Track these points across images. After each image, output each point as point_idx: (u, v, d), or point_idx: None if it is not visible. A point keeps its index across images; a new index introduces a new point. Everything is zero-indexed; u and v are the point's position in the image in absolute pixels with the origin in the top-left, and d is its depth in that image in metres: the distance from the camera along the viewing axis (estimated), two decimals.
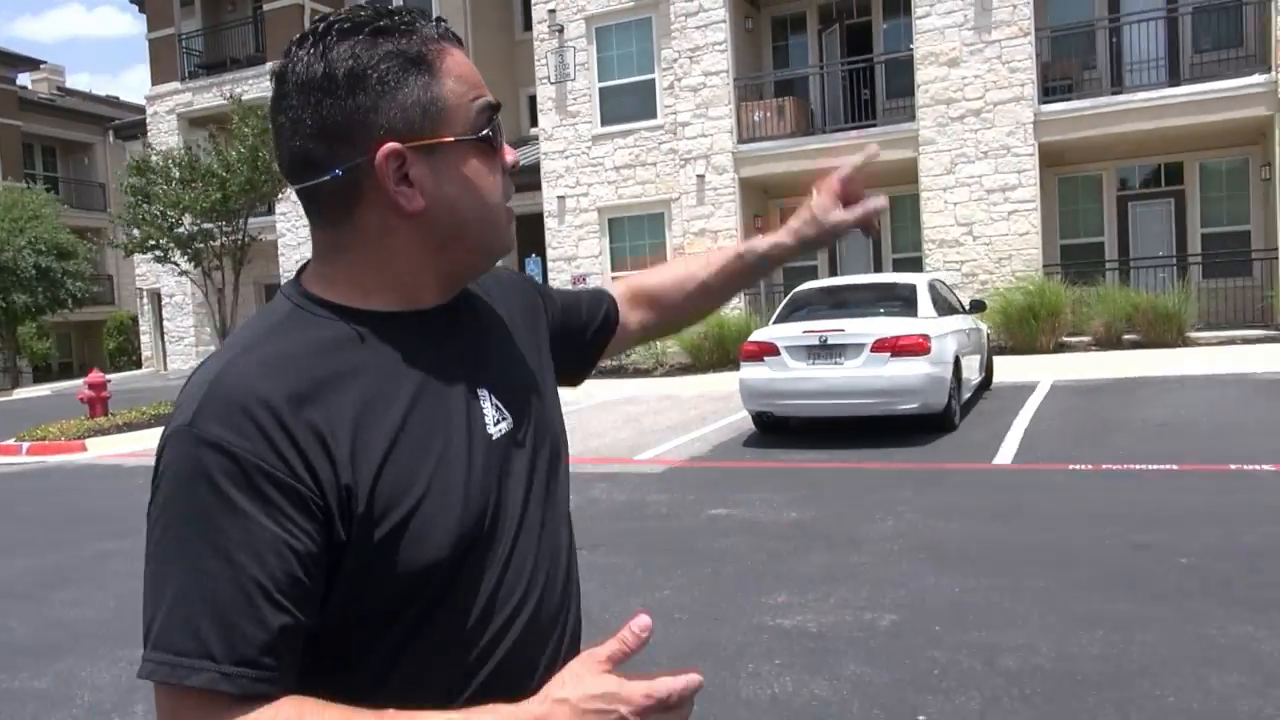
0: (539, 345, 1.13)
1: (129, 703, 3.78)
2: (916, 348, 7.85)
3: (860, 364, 7.94)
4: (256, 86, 21.72)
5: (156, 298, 24.83)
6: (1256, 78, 13.30)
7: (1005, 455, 7.27)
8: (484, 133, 0.92)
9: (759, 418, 8.86)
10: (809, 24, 17.81)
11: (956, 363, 8.51)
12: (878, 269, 17.01)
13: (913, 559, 4.91)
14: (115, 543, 6.48)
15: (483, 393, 0.97)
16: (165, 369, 24.47)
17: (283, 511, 0.81)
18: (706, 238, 16.73)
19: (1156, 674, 3.37)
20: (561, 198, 18.10)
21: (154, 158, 13.40)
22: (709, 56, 16.51)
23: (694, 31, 16.60)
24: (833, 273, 17.27)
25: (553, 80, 18.12)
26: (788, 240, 1.32)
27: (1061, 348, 13.58)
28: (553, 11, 18.06)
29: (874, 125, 16.13)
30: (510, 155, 0.97)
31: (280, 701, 0.80)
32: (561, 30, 17.98)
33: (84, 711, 3.75)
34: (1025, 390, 10.47)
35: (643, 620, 0.83)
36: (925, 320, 8.26)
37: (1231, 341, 12.94)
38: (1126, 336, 13.29)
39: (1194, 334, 13.24)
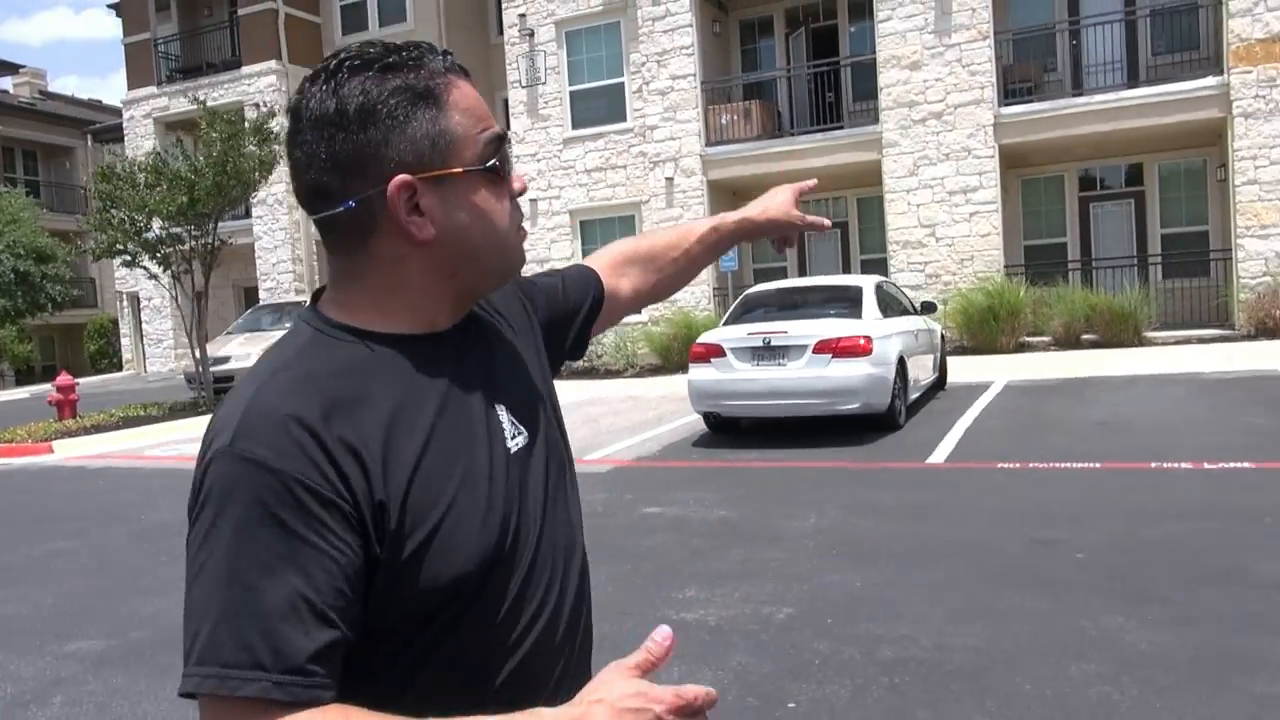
0: (537, 350, 1.16)
1: (48, 695, 3.92)
2: (858, 349, 8.02)
3: (803, 365, 8.11)
4: (233, 90, 21.84)
5: (135, 301, 24.89)
6: (1210, 80, 13.52)
7: (940, 454, 7.43)
8: (491, 163, 0.96)
9: (707, 418, 9.02)
10: (776, 27, 17.98)
11: (902, 363, 8.68)
12: (846, 269, 17.21)
13: (824, 555, 5.07)
14: (67, 542, 6.61)
15: (499, 408, 1.01)
16: (145, 371, 24.52)
17: (326, 525, 0.83)
18: None
19: (1021, 664, 3.53)
20: (534, 200, 18.23)
21: (119, 164, 13.48)
22: (676, 60, 16.67)
23: (661, 35, 16.76)
24: (802, 273, 17.47)
25: (524, 84, 18.27)
26: (755, 216, 1.42)
27: (1022, 348, 13.77)
28: (523, 16, 18.20)
29: (840, 128, 16.31)
30: (518, 183, 1.01)
31: (327, 708, 0.82)
32: (532, 34, 18.12)
33: (3, 704, 3.89)
34: (978, 390, 10.65)
35: (663, 630, 0.87)
36: (868, 322, 8.42)
37: (1187, 341, 13.14)
38: (1085, 336, 13.49)
39: (1151, 334, 13.44)
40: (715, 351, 8.40)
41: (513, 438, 1.00)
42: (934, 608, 4.17)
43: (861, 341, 8.02)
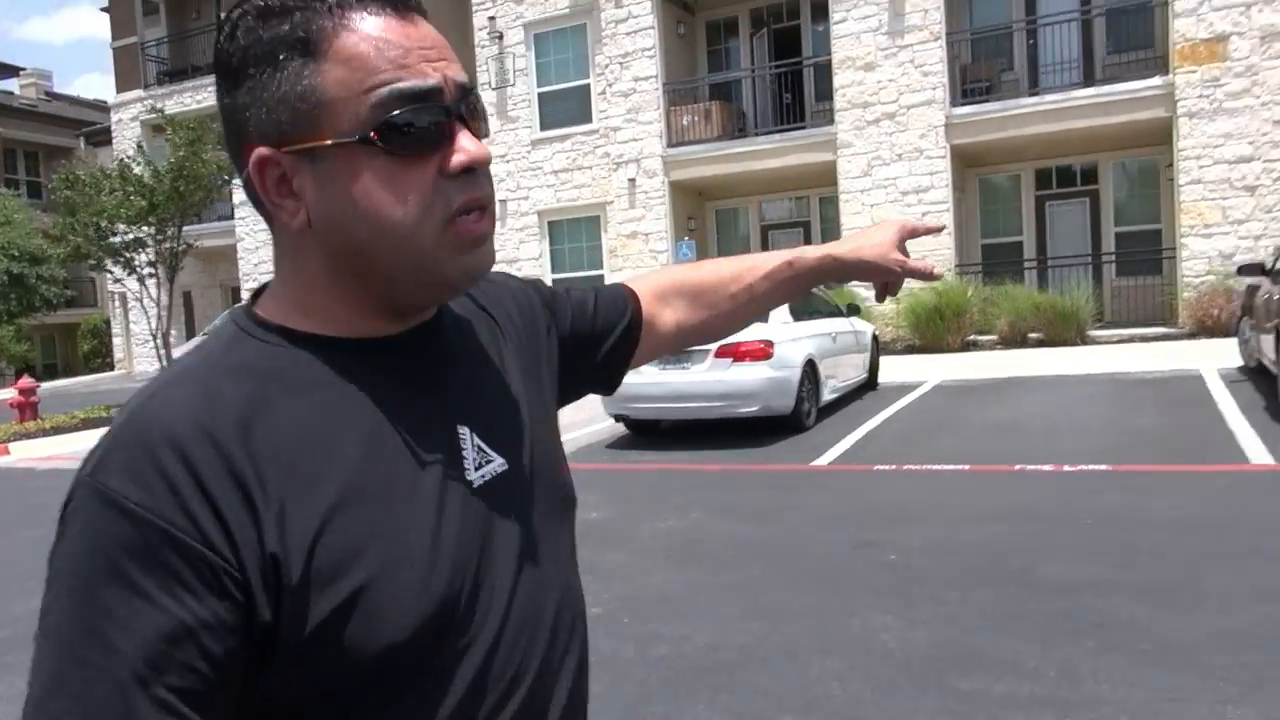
0: (541, 364, 0.97)
1: None
2: (758, 353, 8.22)
3: (705, 369, 8.32)
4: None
5: (124, 301, 25.37)
6: (1156, 80, 13.59)
7: (828, 457, 7.63)
8: (387, 121, 0.72)
9: (619, 420, 9.24)
10: (742, 28, 18.12)
11: (811, 366, 8.86)
12: None
13: (660, 557, 5.29)
14: None
15: (463, 432, 0.81)
16: (133, 371, 25.01)
17: (185, 587, 0.65)
18: (638, 240, 17.10)
19: (773, 661, 3.74)
20: (503, 201, 18.48)
21: (82, 170, 13.84)
22: (638, 62, 16.86)
23: (624, 38, 16.95)
24: None
25: (494, 86, 18.51)
26: (844, 254, 1.17)
27: (969, 346, 13.90)
28: (493, 19, 18.44)
29: (802, 128, 16.45)
30: (460, 155, 0.75)
31: None
32: (501, 37, 18.36)
33: None
34: (906, 390, 10.82)
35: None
36: (773, 326, 8.61)
37: (1130, 340, 13.25)
38: (1031, 335, 13.61)
39: (1094, 332, 13.55)
40: None
41: (479, 467, 0.80)
42: (728, 607, 4.38)
43: (761, 346, 8.21)
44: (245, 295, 21.32)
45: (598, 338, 1.08)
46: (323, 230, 0.75)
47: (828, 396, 9.43)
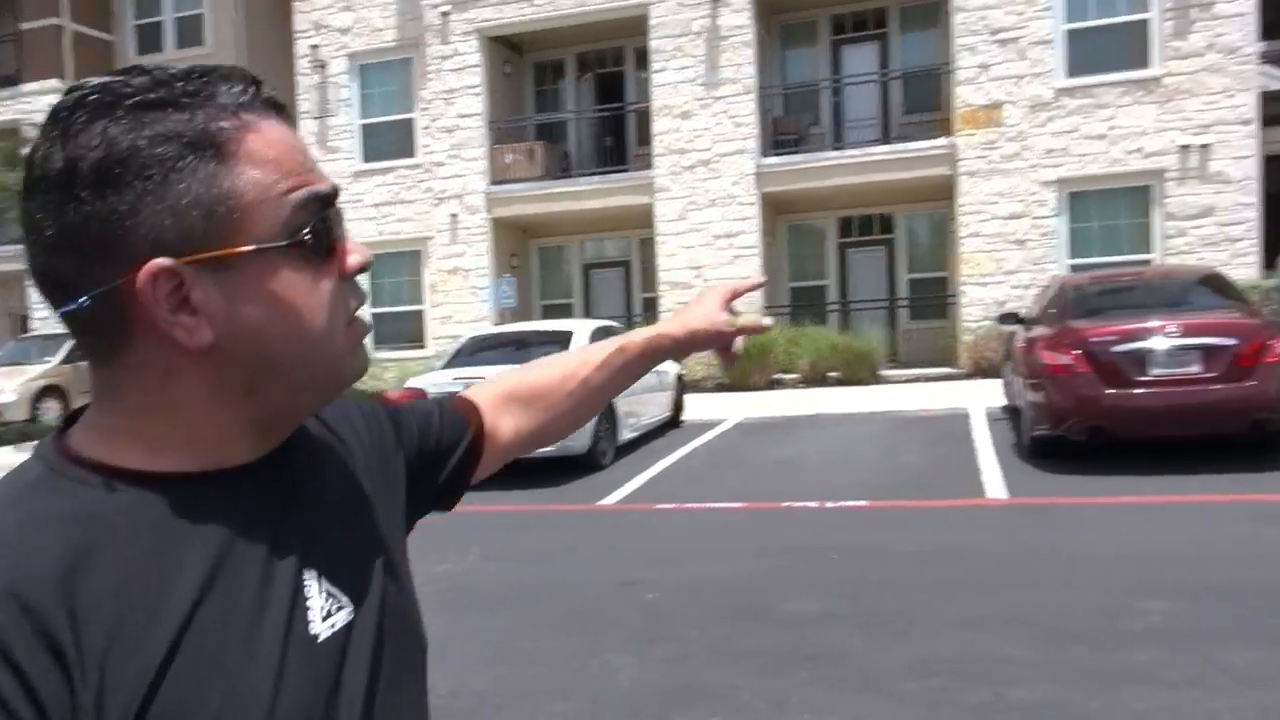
0: (392, 491, 0.92)
1: None
2: None
3: None
4: (10, 109, 20.75)
5: None
6: (941, 140, 14.76)
7: (616, 496, 7.86)
8: (304, 235, 0.70)
9: None
10: (568, 71, 18.50)
11: (609, 407, 9.10)
12: (629, 308, 17.78)
13: (429, 601, 5.30)
14: None
15: (309, 577, 0.75)
16: None
17: None
18: (459, 275, 17.07)
19: (506, 707, 3.85)
20: None
21: None
22: (463, 99, 16.93)
23: (449, 75, 17.00)
24: (585, 310, 17.94)
25: (315, 116, 18.14)
26: (673, 331, 1.17)
27: (774, 384, 14.57)
28: (315, 47, 18.10)
29: (624, 170, 16.91)
30: (355, 256, 0.74)
31: None
32: (324, 66, 18.04)
33: None
34: (707, 428, 11.24)
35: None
36: None
37: (917, 379, 14.23)
38: (831, 374, 14.41)
39: (886, 372, 14.49)
40: (418, 395, 8.61)
41: (326, 617, 0.75)
42: (479, 653, 4.46)
43: None
44: (35, 325, 19.76)
45: (442, 455, 1.03)
46: (230, 344, 0.69)
47: (627, 435, 9.70)
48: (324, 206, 0.72)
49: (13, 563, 0.63)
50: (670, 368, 11.49)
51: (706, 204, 15.65)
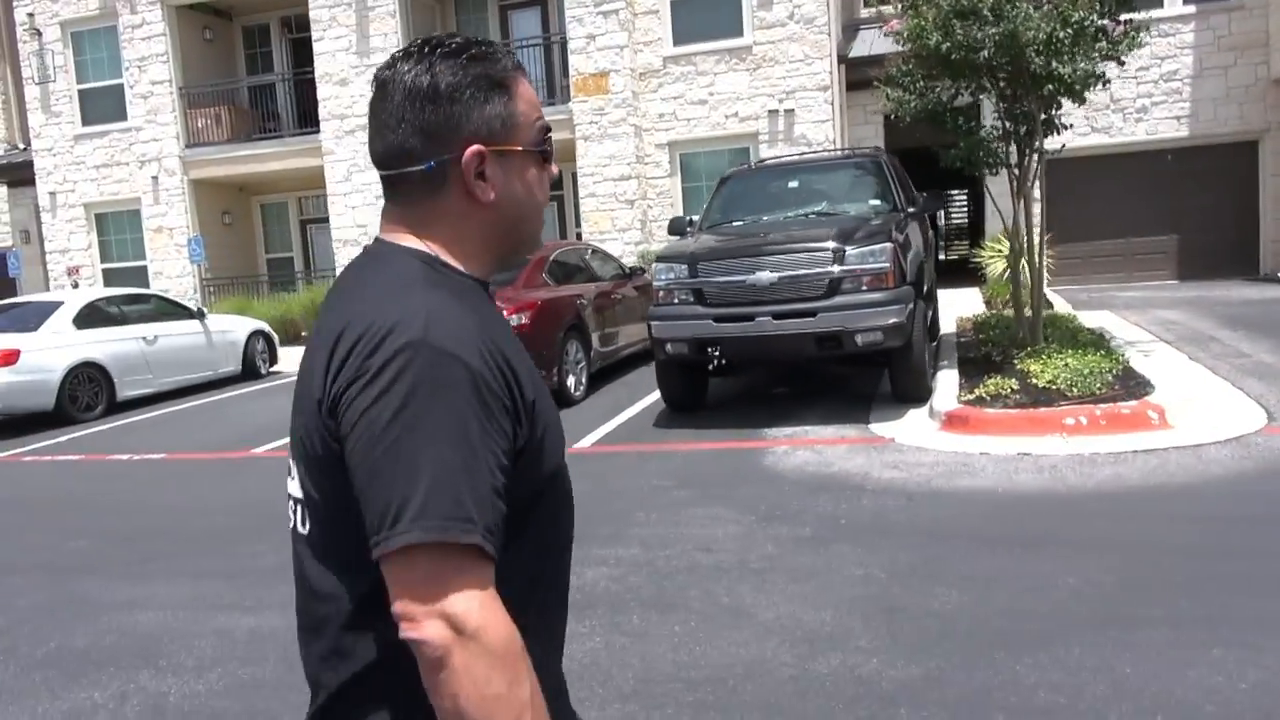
0: None
1: None
2: (5, 359, 9.76)
3: None
4: None
5: None
6: (560, 108, 15.85)
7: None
8: (544, 146, 1.16)
9: None
10: (274, 34, 19.39)
11: (97, 368, 10.46)
12: (334, 263, 19.00)
13: None
14: None
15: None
16: None
17: (501, 420, 1.01)
18: (164, 234, 18.26)
19: None
20: (52, 194, 19.17)
21: None
22: (154, 66, 17.89)
23: (140, 43, 17.93)
24: (306, 266, 19.19)
25: (36, 81, 19.07)
26: None
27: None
28: (31, 15, 18.93)
29: (316, 132, 17.97)
30: (555, 168, 1.20)
31: (515, 637, 0.97)
32: (40, 34, 18.91)
33: None
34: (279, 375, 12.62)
35: None
36: (41, 335, 10.16)
37: None
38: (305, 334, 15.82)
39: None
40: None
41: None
42: None
43: (5, 353, 9.75)
44: None
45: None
46: (501, 203, 1.12)
47: (131, 393, 11.07)
48: (548, 133, 1.18)
49: (472, 311, 1.07)
50: (238, 326, 12.85)
51: (368, 166, 16.75)
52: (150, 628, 4.28)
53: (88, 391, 10.52)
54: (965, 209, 28.38)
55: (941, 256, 27.27)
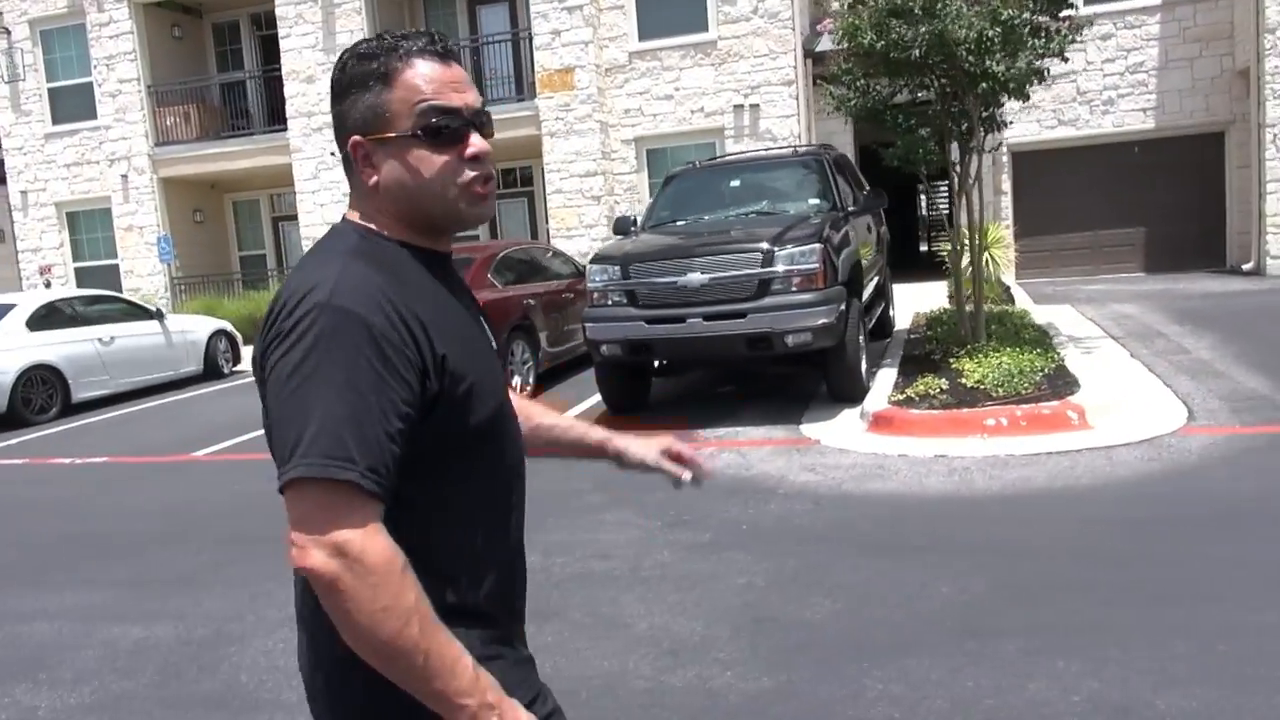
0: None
1: None
2: None
3: None
4: None
5: None
6: (526, 103, 15.82)
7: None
8: (417, 130, 1.20)
9: None
10: (244, 31, 19.33)
11: (51, 370, 10.47)
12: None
13: None
14: None
15: (479, 318, 1.34)
16: None
17: (399, 369, 1.10)
18: (134, 233, 18.23)
19: None
20: (24, 192, 19.14)
21: None
22: (122, 65, 17.84)
23: (108, 40, 17.87)
24: (278, 264, 19.15)
25: (6, 80, 19.01)
26: (632, 452, 1.66)
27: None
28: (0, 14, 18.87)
29: (285, 130, 17.92)
30: (472, 147, 1.23)
31: (397, 554, 1.07)
32: (9, 33, 18.84)
33: None
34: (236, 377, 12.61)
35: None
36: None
37: None
38: None
39: None
40: None
41: (490, 341, 1.34)
42: None
43: None
44: None
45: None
46: (385, 185, 1.22)
47: (87, 394, 11.07)
48: (441, 114, 1.21)
49: (390, 275, 1.17)
50: (198, 326, 12.84)
51: (335, 164, 16.72)
52: (41, 639, 4.29)
53: (41, 394, 10.53)
54: (949, 201, 28.28)
55: (923, 248, 27.33)
